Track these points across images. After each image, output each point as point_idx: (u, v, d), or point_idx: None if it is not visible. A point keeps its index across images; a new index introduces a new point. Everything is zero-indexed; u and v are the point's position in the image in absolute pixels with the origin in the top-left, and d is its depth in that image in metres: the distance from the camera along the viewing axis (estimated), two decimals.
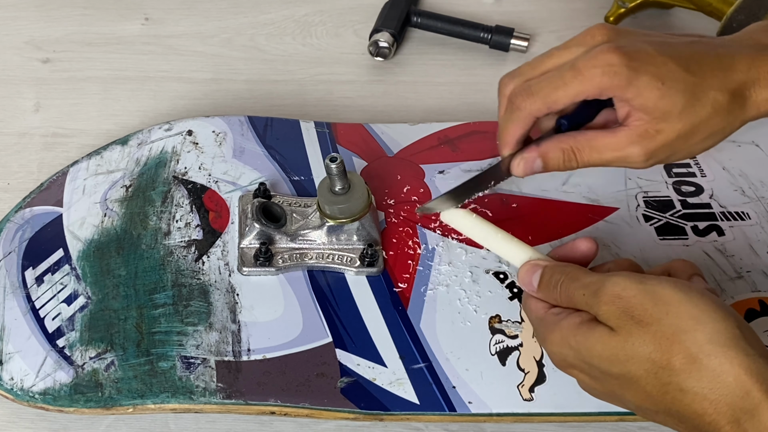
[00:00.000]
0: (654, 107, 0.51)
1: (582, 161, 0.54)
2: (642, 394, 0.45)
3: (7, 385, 0.55)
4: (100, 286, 0.59)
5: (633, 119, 0.52)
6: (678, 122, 0.52)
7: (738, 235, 0.64)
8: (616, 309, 0.46)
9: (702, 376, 0.43)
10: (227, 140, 0.68)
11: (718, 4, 0.79)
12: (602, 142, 0.53)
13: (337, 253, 0.61)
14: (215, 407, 0.55)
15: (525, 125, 0.55)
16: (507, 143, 0.56)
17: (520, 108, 0.54)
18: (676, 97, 0.51)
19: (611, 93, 0.52)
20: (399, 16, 0.81)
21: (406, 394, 0.56)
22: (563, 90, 0.53)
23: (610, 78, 0.51)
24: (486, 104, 0.78)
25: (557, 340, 0.48)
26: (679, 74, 0.52)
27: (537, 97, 0.53)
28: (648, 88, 0.51)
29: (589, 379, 0.48)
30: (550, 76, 0.53)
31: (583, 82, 0.52)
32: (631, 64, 0.51)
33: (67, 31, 0.82)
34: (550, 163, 0.55)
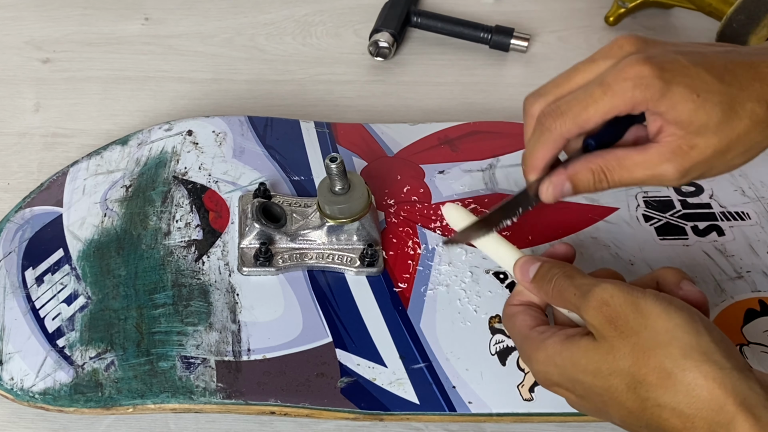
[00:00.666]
0: (689, 120, 0.48)
1: (612, 181, 0.51)
2: (624, 410, 0.45)
3: (7, 385, 0.55)
4: (100, 286, 0.59)
5: (665, 135, 0.49)
6: (714, 137, 0.49)
7: (738, 235, 0.64)
8: (601, 316, 0.46)
9: (677, 391, 0.43)
10: (227, 140, 0.68)
11: (718, 4, 0.79)
12: (633, 161, 0.50)
13: (337, 253, 0.61)
14: (215, 407, 0.55)
15: (555, 148, 0.51)
16: (535, 167, 0.52)
17: (549, 129, 0.51)
18: (712, 110, 0.48)
19: (644, 107, 0.49)
20: (399, 16, 0.81)
21: (406, 394, 0.56)
22: (594, 108, 0.49)
23: (642, 91, 0.48)
24: (486, 104, 0.78)
25: (542, 359, 0.48)
26: (714, 86, 0.49)
27: (567, 117, 0.50)
28: (682, 100, 0.48)
29: (575, 396, 0.48)
30: (578, 94, 0.50)
31: (614, 98, 0.49)
32: (664, 76, 0.48)
33: (67, 31, 0.82)
34: (579, 185, 0.52)
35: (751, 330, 0.59)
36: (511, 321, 0.52)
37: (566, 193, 0.52)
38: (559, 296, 0.49)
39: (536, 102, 0.52)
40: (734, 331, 0.59)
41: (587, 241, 0.63)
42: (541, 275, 0.51)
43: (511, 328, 0.52)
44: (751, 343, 0.58)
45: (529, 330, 0.50)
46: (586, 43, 0.83)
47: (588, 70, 0.51)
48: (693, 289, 0.50)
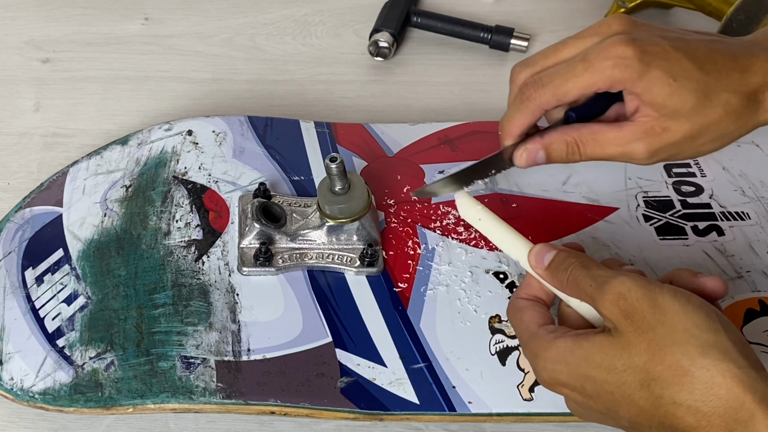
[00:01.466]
0: (663, 104, 0.50)
1: (585, 154, 0.53)
2: (635, 409, 0.45)
3: (7, 385, 0.55)
4: (100, 286, 0.59)
5: (640, 114, 0.51)
6: (686, 122, 0.51)
7: (738, 235, 0.64)
8: (618, 310, 0.45)
9: (694, 388, 0.43)
10: (227, 140, 0.68)
11: (718, 4, 0.79)
12: (606, 136, 0.52)
13: (337, 253, 0.61)
14: (215, 407, 0.55)
15: (533, 116, 0.54)
16: (511, 133, 0.55)
17: (529, 98, 0.53)
18: (687, 96, 0.50)
19: (621, 86, 0.51)
20: (399, 16, 0.81)
21: (406, 394, 0.56)
22: (573, 82, 0.52)
23: (621, 71, 0.50)
24: (486, 104, 0.78)
25: (552, 357, 0.47)
26: (692, 72, 0.50)
27: (547, 88, 0.52)
28: (659, 83, 0.50)
29: (582, 397, 0.47)
30: (561, 68, 0.53)
31: (594, 74, 0.51)
32: (644, 58, 0.50)
33: (67, 31, 0.82)
34: (552, 154, 0.54)
35: (751, 330, 0.59)
36: (518, 315, 0.51)
37: (539, 161, 0.54)
38: (574, 286, 0.49)
39: (522, 71, 0.55)
40: None
41: (587, 241, 0.63)
42: (556, 263, 0.50)
43: (518, 322, 0.51)
44: (751, 343, 0.58)
45: (537, 327, 0.49)
46: None
47: (575, 45, 0.53)
48: (709, 277, 0.49)
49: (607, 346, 0.45)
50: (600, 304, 0.47)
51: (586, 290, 0.48)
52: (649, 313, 0.45)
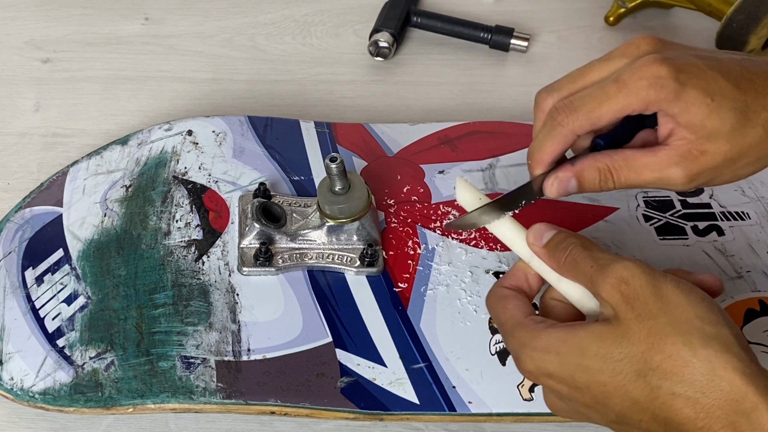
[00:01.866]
0: (701, 125, 0.48)
1: (619, 181, 0.50)
2: (628, 401, 0.44)
3: (7, 385, 0.55)
4: (100, 286, 0.59)
5: (676, 138, 0.49)
6: (725, 143, 0.48)
7: (738, 235, 0.64)
8: (619, 295, 0.45)
9: (695, 380, 0.42)
10: (227, 140, 0.68)
11: (718, 4, 0.79)
12: (641, 162, 0.50)
13: (337, 253, 0.61)
14: (215, 407, 0.55)
15: (565, 143, 0.51)
16: (541, 162, 0.52)
17: (561, 124, 0.50)
18: (726, 116, 0.48)
19: (657, 107, 0.49)
20: (399, 16, 0.81)
21: (406, 394, 0.56)
22: (607, 105, 0.49)
23: (657, 91, 0.48)
24: (486, 104, 0.78)
25: (542, 346, 0.46)
26: (729, 91, 0.48)
27: (580, 112, 0.50)
28: (696, 103, 0.48)
29: (569, 389, 0.46)
30: (593, 90, 0.50)
31: (629, 96, 0.49)
32: (680, 77, 0.48)
33: (67, 31, 0.82)
34: (585, 183, 0.51)
35: (751, 330, 0.59)
36: (501, 303, 0.50)
37: (571, 190, 0.52)
38: (572, 266, 0.48)
39: (549, 96, 0.52)
40: None
41: None
42: (556, 242, 0.49)
43: (501, 310, 0.49)
44: (751, 343, 0.58)
45: (524, 316, 0.48)
46: (586, 43, 0.83)
47: (603, 67, 0.51)
48: (706, 275, 0.49)
49: (604, 334, 0.44)
50: (600, 287, 0.45)
51: (586, 271, 0.47)
52: (652, 300, 0.44)
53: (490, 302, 0.51)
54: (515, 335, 0.48)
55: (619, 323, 0.44)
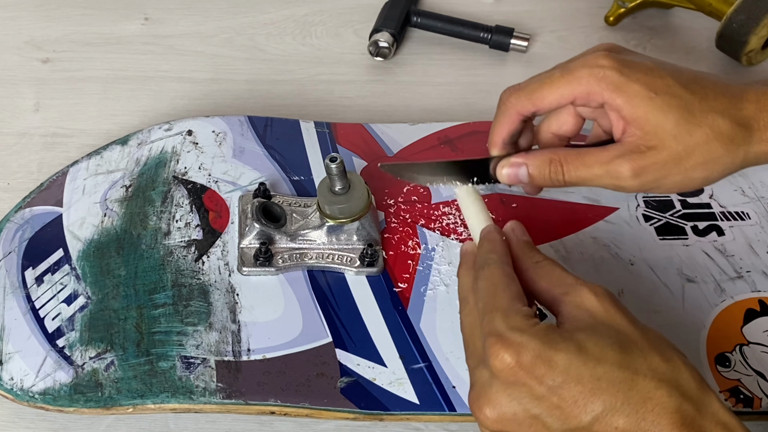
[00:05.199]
0: (645, 119, 0.49)
1: (569, 174, 0.52)
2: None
3: (7, 385, 0.55)
4: (100, 286, 0.59)
5: (627, 135, 0.50)
6: (671, 139, 0.49)
7: (738, 235, 0.64)
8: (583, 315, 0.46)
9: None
10: (227, 140, 0.68)
11: (718, 4, 0.79)
12: (592, 156, 0.51)
13: (337, 253, 0.61)
14: (215, 407, 0.55)
15: (510, 123, 0.54)
16: (493, 142, 0.55)
17: (506, 104, 0.53)
18: (670, 113, 0.49)
19: (599, 97, 0.50)
20: (399, 16, 0.81)
21: (406, 394, 0.56)
22: (549, 88, 0.51)
23: (598, 80, 0.50)
24: (486, 104, 0.78)
25: (561, 363, 0.43)
26: (675, 89, 0.49)
27: (522, 92, 0.52)
28: (638, 96, 0.49)
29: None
30: (539, 75, 0.53)
31: (571, 82, 0.51)
32: (623, 70, 0.50)
33: (67, 31, 0.82)
34: (535, 171, 0.53)
35: (751, 330, 0.59)
36: (506, 281, 0.48)
37: (522, 178, 0.53)
38: (548, 270, 0.49)
39: (508, 89, 0.55)
40: (734, 331, 0.59)
41: (587, 241, 0.63)
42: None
43: (503, 290, 0.47)
44: (751, 343, 0.58)
45: (522, 305, 0.46)
46: (586, 43, 0.83)
47: (560, 65, 0.53)
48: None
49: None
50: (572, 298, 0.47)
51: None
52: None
53: (495, 277, 0.48)
54: (509, 323, 0.45)
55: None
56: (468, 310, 0.49)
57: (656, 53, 0.82)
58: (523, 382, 0.43)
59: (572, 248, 0.63)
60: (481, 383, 0.45)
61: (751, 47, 0.76)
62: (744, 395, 0.56)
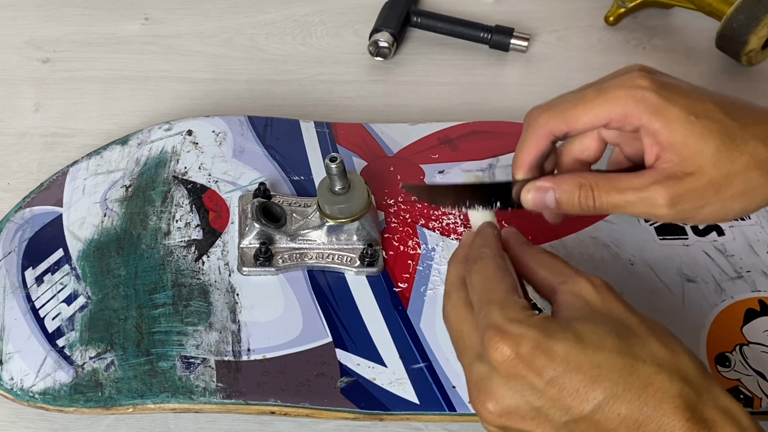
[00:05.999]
0: (683, 144, 0.46)
1: (600, 200, 0.49)
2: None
3: (7, 385, 0.55)
4: (100, 286, 0.59)
5: (662, 161, 0.47)
6: (711, 166, 0.46)
7: (738, 235, 0.64)
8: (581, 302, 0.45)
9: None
10: (227, 140, 0.68)
11: (718, 4, 0.79)
12: (625, 182, 0.48)
13: (337, 253, 0.61)
14: (215, 407, 0.55)
15: (540, 144, 0.50)
16: (520, 165, 0.51)
17: (537, 123, 0.50)
18: (710, 137, 0.46)
19: (637, 120, 0.47)
20: (399, 16, 0.81)
21: (406, 393, 0.56)
22: (583, 107, 0.48)
23: (636, 102, 0.47)
24: (486, 104, 0.78)
25: (561, 353, 0.43)
26: (715, 114, 0.47)
27: (555, 111, 0.49)
28: (678, 120, 0.46)
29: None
30: (569, 94, 0.50)
31: (607, 102, 0.48)
32: (662, 93, 0.47)
33: (67, 31, 0.82)
34: (563, 197, 0.49)
35: (751, 330, 0.59)
36: (500, 274, 0.46)
37: (549, 203, 0.50)
38: (547, 260, 0.48)
39: (536, 108, 0.52)
40: (734, 331, 0.59)
41: (587, 241, 0.63)
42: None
43: (499, 281, 0.46)
44: (751, 343, 0.58)
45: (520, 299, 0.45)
46: (586, 43, 0.83)
47: (592, 84, 0.51)
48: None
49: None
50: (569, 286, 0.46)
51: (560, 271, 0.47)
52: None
53: (489, 270, 0.47)
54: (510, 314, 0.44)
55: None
56: (452, 304, 0.48)
57: (656, 53, 0.82)
58: (523, 375, 0.42)
59: (572, 248, 0.63)
60: (480, 378, 0.44)
61: (751, 47, 0.76)
62: (744, 395, 0.56)
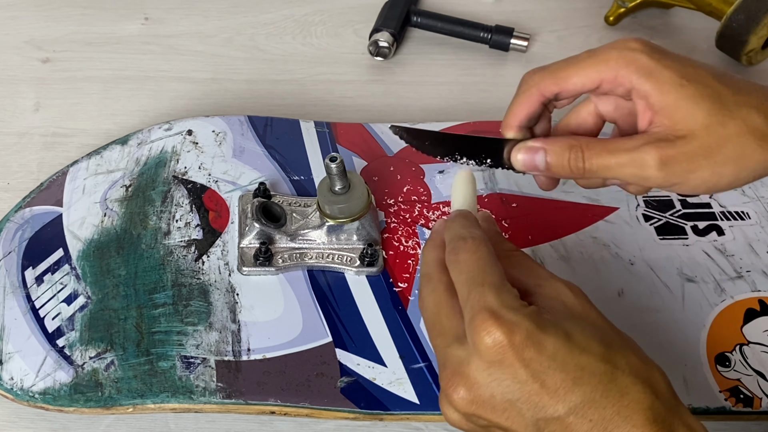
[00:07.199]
0: (675, 107, 0.46)
1: (590, 162, 0.48)
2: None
3: (7, 384, 0.55)
4: (100, 285, 0.59)
5: (654, 125, 0.47)
6: (702, 130, 0.46)
7: (738, 234, 0.64)
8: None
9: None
10: (227, 140, 0.68)
11: (718, 4, 0.79)
12: (615, 144, 0.48)
13: (337, 253, 0.61)
14: (215, 407, 0.55)
15: (530, 103, 0.50)
16: (509, 123, 0.51)
17: (528, 83, 0.50)
18: (701, 100, 0.46)
19: (627, 82, 0.48)
20: (399, 15, 0.81)
21: (406, 393, 0.56)
22: (575, 68, 0.49)
23: (627, 63, 0.47)
24: (486, 104, 0.78)
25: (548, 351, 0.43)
26: (708, 80, 0.47)
27: (547, 72, 0.50)
28: (669, 82, 0.46)
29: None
30: (566, 58, 0.50)
31: (598, 63, 0.48)
32: (654, 55, 0.47)
33: (67, 31, 0.82)
34: (553, 158, 0.49)
35: (751, 330, 0.59)
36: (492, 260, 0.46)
37: (539, 164, 0.50)
38: (519, 260, 0.48)
39: (530, 70, 0.52)
40: (734, 331, 0.59)
41: (587, 241, 0.63)
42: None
43: (493, 266, 0.45)
44: (751, 343, 0.58)
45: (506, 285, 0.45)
46: (586, 43, 0.83)
47: (589, 49, 0.51)
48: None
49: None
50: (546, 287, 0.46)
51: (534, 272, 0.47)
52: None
53: (481, 251, 0.46)
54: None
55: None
56: (432, 287, 0.47)
57: None
58: (509, 363, 0.42)
59: (572, 248, 0.63)
60: (457, 362, 0.43)
61: (751, 47, 0.76)
62: (744, 395, 0.56)
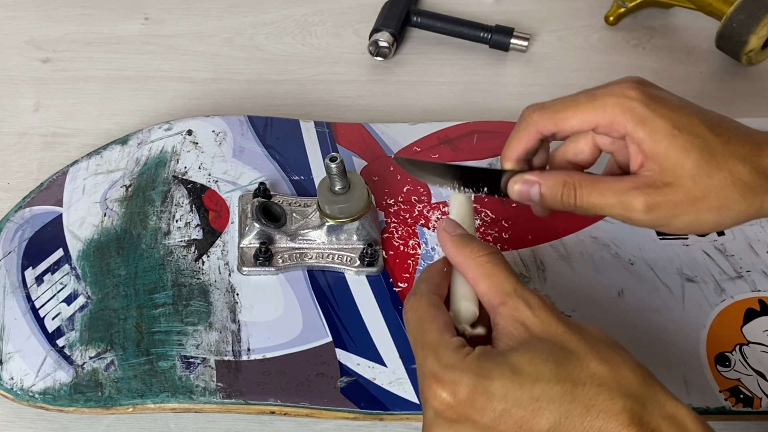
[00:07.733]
0: (665, 155, 0.49)
1: (581, 199, 0.51)
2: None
3: (7, 384, 0.55)
4: (100, 285, 0.59)
5: (644, 169, 0.50)
6: (689, 180, 0.48)
7: (738, 234, 0.64)
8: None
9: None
10: (227, 140, 0.68)
11: (718, 4, 0.79)
12: (606, 184, 0.50)
13: (337, 253, 0.61)
14: (215, 407, 0.55)
15: (528, 139, 0.53)
16: (507, 156, 0.54)
17: (526, 120, 0.53)
18: (691, 152, 0.48)
19: (622, 128, 0.50)
20: (399, 15, 0.81)
21: (406, 393, 0.56)
22: (574, 110, 0.51)
23: (623, 111, 0.49)
24: (486, 104, 0.78)
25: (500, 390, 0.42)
26: (699, 129, 0.49)
27: (546, 111, 0.52)
28: (661, 132, 0.49)
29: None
30: (563, 97, 0.52)
31: (596, 108, 0.50)
32: (650, 104, 0.49)
33: (67, 31, 0.82)
34: (548, 192, 0.52)
35: (751, 330, 0.59)
36: (432, 312, 0.46)
37: (533, 196, 0.52)
38: (491, 270, 0.47)
39: (530, 106, 0.54)
40: (734, 331, 0.59)
41: (587, 241, 0.63)
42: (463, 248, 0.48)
43: (430, 322, 0.45)
44: (751, 342, 0.58)
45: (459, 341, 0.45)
46: (586, 43, 0.83)
47: (587, 90, 0.53)
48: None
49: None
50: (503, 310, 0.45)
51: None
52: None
53: (421, 309, 0.46)
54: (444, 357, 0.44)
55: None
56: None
57: (656, 53, 0.82)
58: (465, 418, 0.42)
59: (572, 248, 0.63)
60: (428, 422, 0.44)
61: (751, 47, 0.76)
62: (744, 395, 0.56)
